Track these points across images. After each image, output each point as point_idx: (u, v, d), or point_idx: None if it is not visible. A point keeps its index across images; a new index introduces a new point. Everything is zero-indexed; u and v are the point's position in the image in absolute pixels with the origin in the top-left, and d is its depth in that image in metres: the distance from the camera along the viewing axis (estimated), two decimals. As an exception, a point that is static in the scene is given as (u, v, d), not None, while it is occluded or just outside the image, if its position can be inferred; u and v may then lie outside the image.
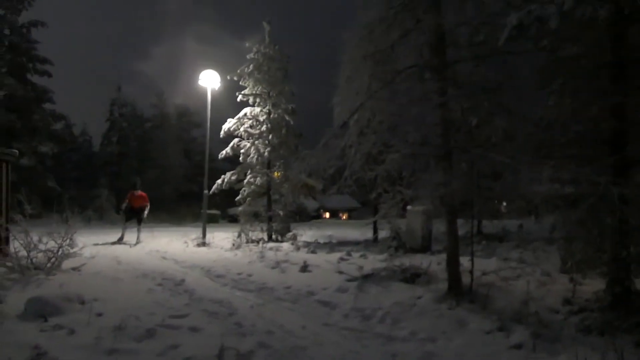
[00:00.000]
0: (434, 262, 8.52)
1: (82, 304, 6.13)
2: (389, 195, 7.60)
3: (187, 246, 15.03)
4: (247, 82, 16.79)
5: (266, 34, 16.83)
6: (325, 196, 40.30)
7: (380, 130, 7.07)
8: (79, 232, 9.39)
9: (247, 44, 16.72)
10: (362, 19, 7.02)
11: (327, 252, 12.04)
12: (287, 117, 16.71)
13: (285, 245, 14.13)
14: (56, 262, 8.56)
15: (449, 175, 6.40)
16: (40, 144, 29.32)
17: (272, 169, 16.71)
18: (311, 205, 39.15)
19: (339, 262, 9.67)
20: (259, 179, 16.50)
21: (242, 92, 16.89)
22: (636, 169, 5.64)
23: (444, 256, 7.27)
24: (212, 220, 31.34)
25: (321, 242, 15.71)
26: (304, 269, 9.19)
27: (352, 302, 6.70)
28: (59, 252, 8.65)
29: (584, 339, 4.94)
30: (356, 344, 5.14)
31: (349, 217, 49.03)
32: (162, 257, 12.04)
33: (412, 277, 7.69)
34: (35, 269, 8.17)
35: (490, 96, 6.48)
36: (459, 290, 6.61)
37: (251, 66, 16.61)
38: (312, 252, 12.20)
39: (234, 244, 14.49)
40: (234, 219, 28.73)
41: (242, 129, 16.81)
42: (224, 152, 17.20)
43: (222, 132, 17.03)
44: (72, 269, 8.79)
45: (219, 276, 9.19)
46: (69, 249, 8.92)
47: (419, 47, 6.81)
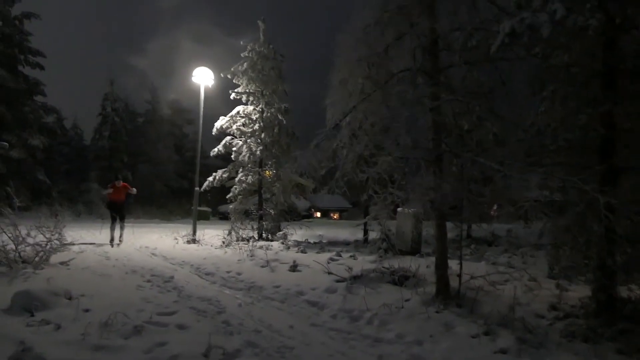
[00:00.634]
0: (423, 265, 8.57)
1: (70, 299, 6.11)
2: (379, 197, 7.61)
3: (177, 243, 15.00)
4: (240, 80, 16.77)
5: (261, 32, 16.81)
6: (316, 196, 40.39)
7: (372, 132, 7.10)
8: (68, 226, 9.35)
9: (241, 42, 16.71)
10: (357, 21, 7.04)
11: (317, 252, 12.06)
12: (280, 116, 16.71)
13: (275, 244, 14.13)
14: (44, 256, 8.52)
15: (439, 179, 6.43)
16: (30, 137, 29.10)
17: (264, 168, 16.71)
18: (302, 204, 39.15)
19: (328, 263, 9.69)
20: (250, 177, 16.50)
21: (235, 90, 16.88)
22: (624, 177, 5.70)
23: (433, 259, 7.32)
24: (203, 217, 31.30)
25: (311, 241, 15.73)
26: (294, 268, 9.20)
27: (340, 303, 6.73)
28: (48, 246, 8.61)
29: (569, 345, 5.00)
30: (343, 345, 5.17)
31: (340, 217, 49.11)
32: (152, 254, 12.02)
33: (401, 279, 7.73)
34: (23, 262, 8.14)
35: (482, 101, 6.53)
36: (447, 293, 6.66)
37: (245, 64, 16.60)
38: (302, 251, 12.22)
39: (224, 242, 14.48)
40: (224, 217, 28.71)
41: (234, 127, 16.80)
42: (216, 149, 17.18)
43: (214, 129, 17.01)
44: (61, 263, 8.76)
45: (208, 274, 9.19)
46: (57, 243, 8.89)
47: (412, 51, 6.85)
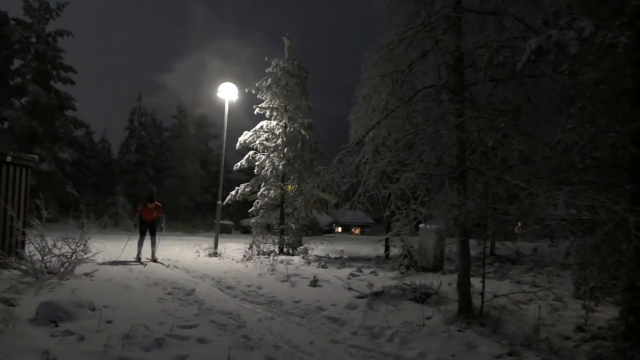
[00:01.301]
0: (445, 282, 8.45)
1: (93, 310, 6.18)
2: (402, 213, 7.55)
3: (198, 256, 15.09)
4: (264, 96, 16.92)
5: (285, 49, 16.99)
6: (338, 211, 40.29)
7: (395, 148, 7.08)
8: (93, 237, 9.50)
9: (266, 58, 16.90)
10: (382, 38, 7.08)
11: (338, 268, 12.00)
12: (303, 132, 16.78)
13: (296, 258, 14.11)
14: (69, 267, 8.66)
15: (463, 196, 6.38)
16: (60, 150, 29.77)
17: (287, 182, 16.75)
18: (324, 219, 39.10)
19: (349, 278, 9.64)
20: (272, 191, 16.55)
21: (259, 106, 17.03)
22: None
23: (455, 276, 7.21)
24: (225, 230, 31.46)
25: (332, 257, 15.66)
26: (314, 283, 9.17)
27: (361, 320, 6.67)
28: (73, 257, 8.75)
29: (596, 368, 4.86)
30: (364, 363, 5.11)
31: (362, 232, 48.84)
32: (174, 266, 12.10)
33: (423, 296, 7.63)
34: (48, 273, 8.27)
35: (507, 118, 6.46)
36: (469, 312, 6.55)
37: (269, 80, 16.76)
38: (323, 266, 12.17)
39: (245, 256, 14.52)
40: (246, 230, 28.81)
41: (257, 142, 16.92)
42: (239, 163, 17.31)
43: (238, 144, 17.16)
44: (85, 274, 8.89)
45: (229, 287, 9.22)
46: (82, 254, 9.03)
47: (437, 68, 6.85)
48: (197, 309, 7.01)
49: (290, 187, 16.89)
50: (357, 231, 49.78)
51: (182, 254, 15.27)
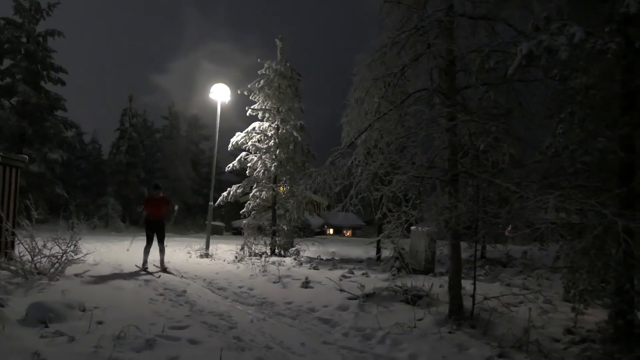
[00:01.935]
0: (436, 284, 8.49)
1: (83, 311, 6.15)
2: (393, 215, 7.59)
3: (190, 257, 15.05)
4: (257, 97, 16.92)
5: (278, 50, 17.00)
6: (330, 213, 40.32)
7: (387, 151, 7.11)
8: (83, 238, 9.45)
9: (258, 60, 16.90)
10: (375, 41, 7.12)
11: (330, 269, 12.01)
12: (295, 133, 16.79)
13: (287, 260, 14.11)
14: (60, 268, 8.61)
15: (454, 199, 6.42)
16: (50, 151, 29.53)
17: (278, 184, 16.75)
18: (315, 221, 39.10)
19: (340, 280, 9.65)
20: (264, 193, 16.55)
21: (251, 107, 17.02)
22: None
23: (446, 278, 7.25)
24: (216, 232, 31.38)
25: (324, 258, 15.67)
26: (306, 285, 9.18)
27: (352, 321, 6.69)
28: (63, 258, 8.69)
29: (585, 370, 4.91)
30: (355, 365, 5.12)
31: (353, 234, 48.89)
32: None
33: (414, 298, 7.67)
34: (38, 273, 8.21)
35: (498, 122, 6.52)
36: (460, 314, 6.59)
37: (262, 81, 16.76)
38: (315, 268, 12.18)
39: (236, 257, 14.50)
40: (238, 232, 28.76)
41: (250, 143, 16.91)
42: (231, 165, 17.29)
43: (230, 145, 17.14)
44: (75, 275, 8.84)
45: (220, 288, 9.20)
46: (72, 255, 8.97)
47: (429, 71, 6.90)
48: (188, 310, 6.99)
49: (282, 189, 16.89)
50: (349, 233, 49.82)
51: (174, 255, 15.21)
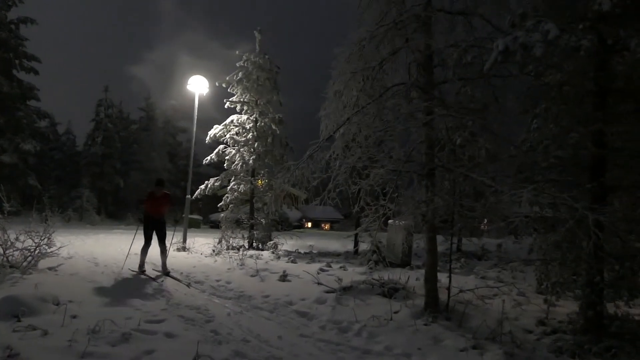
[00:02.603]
0: (413, 278, 8.58)
1: (57, 305, 6.05)
2: (371, 209, 7.64)
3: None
4: (235, 90, 16.80)
5: (257, 43, 16.89)
6: (308, 206, 40.35)
7: (365, 145, 7.14)
8: (57, 231, 9.29)
9: (237, 52, 16.77)
10: (354, 35, 7.12)
11: (307, 262, 12.03)
12: (273, 126, 16.73)
13: (265, 253, 14.09)
14: (33, 262, 8.45)
15: (431, 192, 6.49)
16: (23, 142, 28.88)
17: (257, 177, 16.70)
18: (294, 214, 39.08)
19: (318, 273, 9.69)
20: (242, 186, 16.47)
21: (230, 99, 16.90)
22: (614, 195, 5.77)
23: (423, 271, 7.34)
24: (194, 225, 31.13)
25: (302, 252, 15.69)
26: (283, 278, 9.18)
27: (329, 314, 6.72)
28: (36, 251, 8.54)
29: (556, 361, 5.03)
30: (332, 357, 5.16)
31: (331, 228, 49.02)
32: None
33: (390, 291, 7.74)
34: (10, 267, 8.06)
35: (475, 117, 6.60)
36: (435, 306, 6.68)
37: (240, 74, 16.63)
38: (292, 261, 12.19)
39: (214, 250, 14.42)
40: (215, 225, 28.59)
41: (228, 136, 16.79)
42: (209, 157, 17.16)
43: (208, 137, 17.01)
44: (49, 268, 8.69)
45: (197, 282, 9.14)
46: (46, 248, 8.82)
47: (407, 66, 6.94)
48: (164, 304, 6.94)
49: (260, 182, 16.84)
50: (327, 226, 49.94)
51: (150, 249, 15.04)
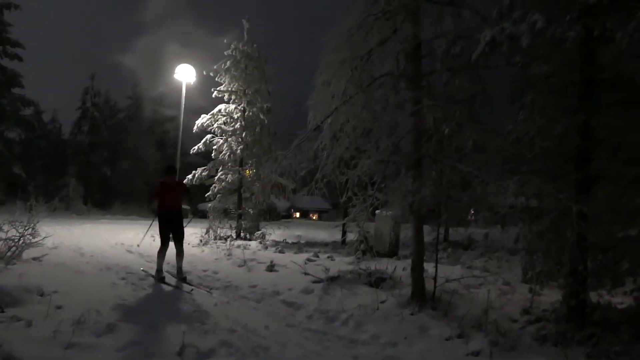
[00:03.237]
0: (400, 267, 8.63)
1: (42, 295, 6.00)
2: (359, 199, 7.65)
3: (153, 240, 14.78)
4: (223, 79, 16.70)
5: (245, 31, 16.77)
6: (296, 196, 40.39)
7: (353, 135, 7.13)
8: (42, 221, 9.19)
9: (224, 41, 16.64)
10: (342, 24, 7.07)
11: (295, 252, 12.05)
12: (261, 116, 16.66)
13: (253, 243, 14.09)
14: (17, 252, 8.35)
15: (418, 183, 6.50)
16: (7, 129, 28.47)
17: (244, 167, 16.65)
18: (282, 204, 39.08)
19: (305, 263, 9.71)
20: (230, 176, 16.42)
21: (217, 89, 16.79)
22: (598, 186, 5.83)
23: (409, 261, 7.37)
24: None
25: (289, 242, 15.72)
26: (271, 268, 9.19)
27: (316, 304, 6.75)
28: (20, 241, 8.45)
29: (539, 349, 5.09)
30: (318, 346, 5.18)
31: (319, 218, 49.14)
32: (127, 251, 11.89)
33: (377, 281, 7.77)
34: (-6, 257, 7.96)
35: (462, 108, 6.61)
36: (422, 296, 6.72)
37: (228, 63, 16.53)
38: (280, 251, 12.20)
39: (201, 240, 14.40)
40: (203, 215, 28.52)
41: (215, 125, 16.71)
42: (196, 147, 17.09)
43: (195, 127, 16.93)
44: (33, 259, 8.59)
45: (184, 272, 9.10)
46: (30, 238, 8.73)
47: (395, 56, 6.91)
48: (151, 294, 6.91)
49: (248, 172, 16.80)
50: (315, 216, 50.06)
51: (137, 239, 14.97)
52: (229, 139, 16.46)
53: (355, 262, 10.04)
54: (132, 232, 16.78)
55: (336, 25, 7.22)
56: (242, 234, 16.15)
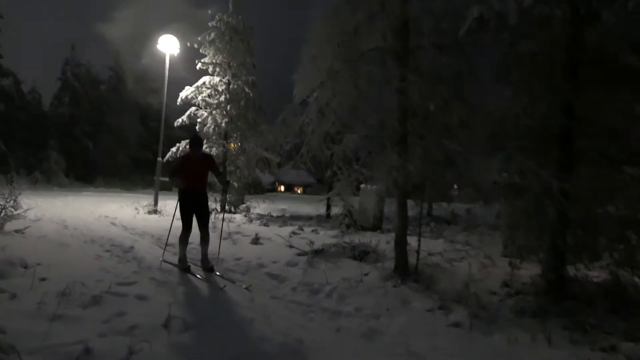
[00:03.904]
0: (383, 241, 8.74)
1: (26, 268, 5.98)
2: (344, 173, 7.70)
3: (137, 213, 14.82)
4: (207, 51, 16.47)
5: (230, 2, 16.48)
6: (281, 170, 40.43)
7: (339, 110, 7.13)
8: (24, 193, 9.10)
9: (209, 11, 16.34)
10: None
11: (280, 226, 12.13)
12: (247, 89, 16.52)
13: (238, 217, 14.14)
14: (-2, 224, 8.29)
15: (403, 159, 6.54)
16: (-15, 100, 27.89)
17: (229, 140, 16.58)
18: (266, 178, 39.03)
19: (290, 236, 9.78)
20: (215, 149, 16.34)
21: (202, 61, 16.56)
22: (580, 164, 5.93)
23: (393, 235, 7.47)
24: (165, 188, 30.85)
25: (274, 215, 15.80)
26: (256, 241, 9.25)
27: (301, 277, 6.82)
28: (2, 213, 8.37)
29: (518, 321, 5.22)
30: (302, 318, 5.26)
31: (304, 192, 49.25)
32: (112, 223, 11.85)
33: (361, 254, 7.87)
34: (-24, 229, 7.90)
35: (448, 85, 6.63)
36: (405, 269, 6.83)
37: (212, 34, 16.28)
38: (265, 225, 12.27)
39: (186, 214, 14.36)
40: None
41: (200, 98, 16.54)
42: (180, 120, 16.93)
43: (179, 99, 16.73)
44: (16, 231, 8.54)
45: (169, 245, 9.11)
46: (12, 210, 8.65)
47: (382, 31, 6.86)
48: (136, 266, 6.92)
49: (232, 146, 16.74)
50: (300, 190, 50.18)
51: (121, 211, 14.93)
52: (214, 112, 16.34)
53: (339, 236, 10.16)
54: (116, 205, 16.73)
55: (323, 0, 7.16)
56: (226, 208, 16.16)
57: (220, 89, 16.47)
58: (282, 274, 7.00)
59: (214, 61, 16.47)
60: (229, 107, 16.23)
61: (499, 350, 4.40)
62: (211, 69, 16.64)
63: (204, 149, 16.12)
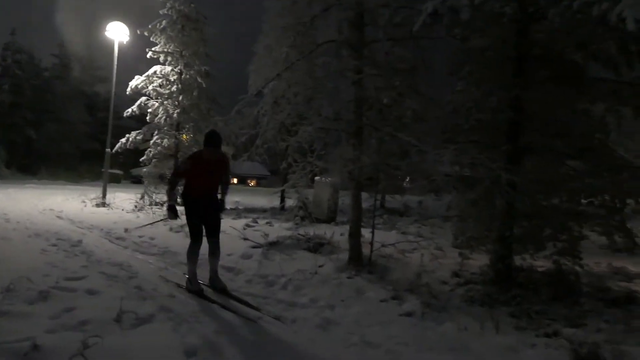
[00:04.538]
0: (338, 233, 8.80)
1: (-35, 262, 5.70)
2: (299, 165, 7.70)
3: (85, 206, 14.35)
4: (158, 39, 16.06)
5: (183, -10, 16.11)
6: (235, 162, 40.00)
7: (295, 101, 7.11)
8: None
9: (160, -1, 15.93)
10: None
11: (234, 218, 12.02)
12: (199, 79, 16.22)
13: (190, 209, 13.90)
14: None
15: (358, 151, 6.61)
16: None
17: (181, 132, 16.25)
18: (220, 170, 38.49)
19: (244, 229, 9.71)
20: (166, 140, 15.99)
21: (152, 49, 16.14)
22: (527, 157, 6.15)
23: (347, 227, 7.54)
24: (114, 180, 30.02)
25: (228, 207, 15.61)
26: (210, 234, 9.12)
27: (256, 269, 6.80)
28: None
29: (468, 309, 5.39)
30: (258, 310, 5.24)
31: (258, 184, 48.98)
32: (57, 216, 11.43)
33: (316, 246, 7.91)
34: None
35: (403, 78, 6.73)
36: (359, 260, 6.91)
37: (164, 22, 15.89)
38: (219, 218, 12.12)
39: (136, 206, 14.07)
40: (138, 180, 27.73)
41: (150, 88, 16.13)
42: (130, 110, 16.46)
43: (129, 89, 16.26)
44: (-46, 225, 8.11)
45: (119, 238, 8.90)
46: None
47: (338, 23, 6.88)
48: (85, 261, 6.71)
49: (185, 137, 16.43)
50: (253, 183, 49.87)
51: (67, 204, 14.42)
52: (165, 102, 15.97)
53: (294, 228, 10.16)
54: (61, 197, 16.15)
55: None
56: (179, 200, 15.85)
57: (172, 79, 16.11)
58: (236, 267, 6.95)
59: (165, 50, 16.08)
60: (180, 98, 15.89)
61: (449, 337, 4.52)
62: (162, 58, 16.24)
63: (156, 138, 15.75)
